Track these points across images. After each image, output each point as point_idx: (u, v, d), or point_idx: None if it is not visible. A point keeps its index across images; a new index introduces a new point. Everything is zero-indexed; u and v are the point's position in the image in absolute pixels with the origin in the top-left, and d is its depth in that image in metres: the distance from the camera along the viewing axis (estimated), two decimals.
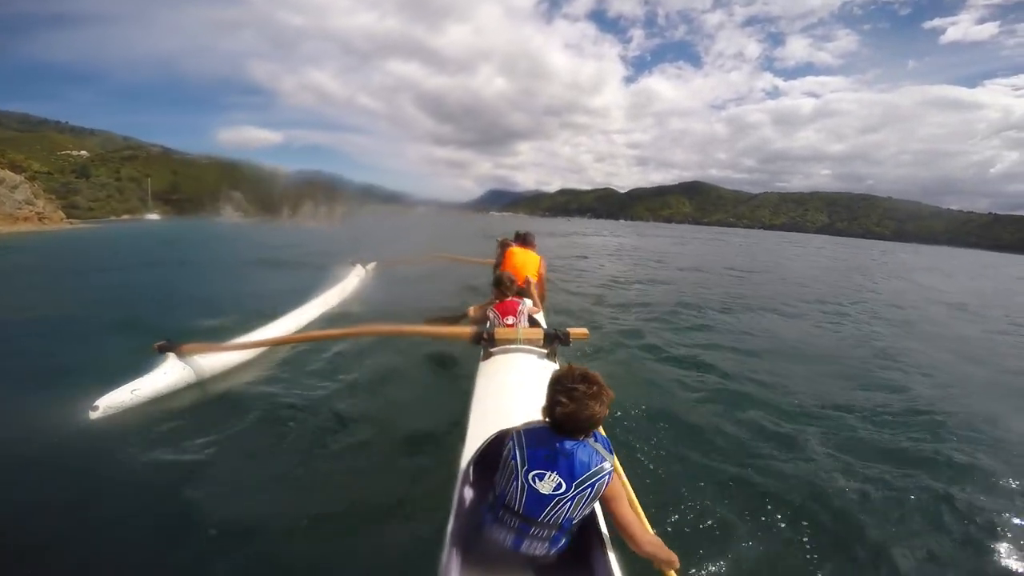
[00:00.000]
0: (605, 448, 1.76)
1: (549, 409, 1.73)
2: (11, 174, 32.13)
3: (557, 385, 1.73)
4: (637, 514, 1.94)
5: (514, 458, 1.72)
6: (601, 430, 1.88)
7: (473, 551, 1.86)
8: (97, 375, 4.06)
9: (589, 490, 1.68)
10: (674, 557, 1.77)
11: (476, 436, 2.31)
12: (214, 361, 4.49)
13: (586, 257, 19.63)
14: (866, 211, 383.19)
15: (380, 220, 46.79)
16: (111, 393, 3.68)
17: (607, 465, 1.71)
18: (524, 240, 6.30)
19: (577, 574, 1.85)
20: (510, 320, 4.03)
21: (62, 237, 26.27)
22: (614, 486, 1.74)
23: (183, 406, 3.94)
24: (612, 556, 1.78)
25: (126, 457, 3.18)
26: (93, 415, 3.52)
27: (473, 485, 2.22)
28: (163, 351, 4.22)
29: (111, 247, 21.52)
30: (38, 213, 32.29)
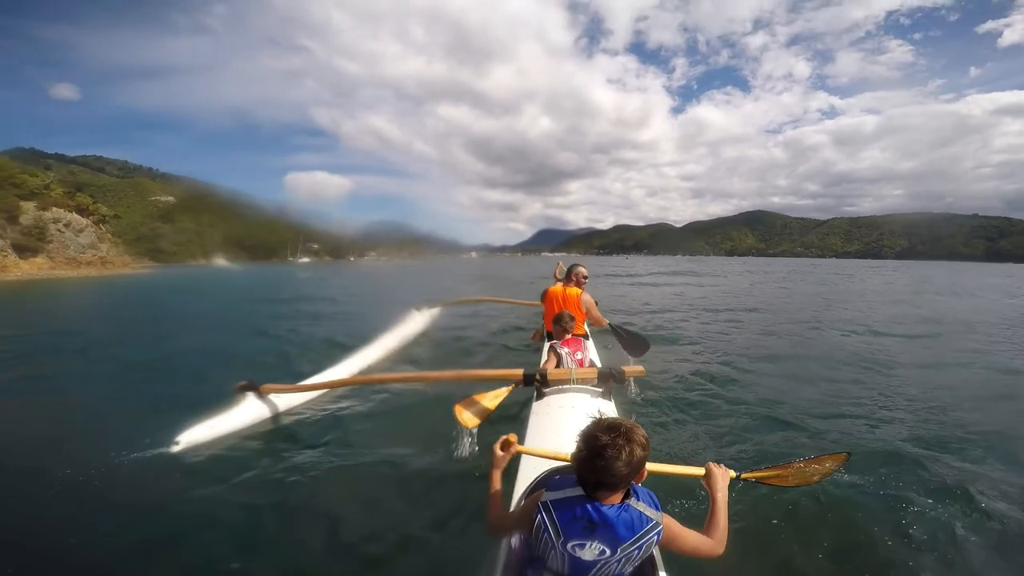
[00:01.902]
0: (650, 505, 1.60)
1: (573, 459, 1.60)
2: (78, 217, 32.71)
3: (580, 437, 1.58)
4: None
5: (546, 531, 1.57)
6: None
7: None
8: (180, 412, 4.23)
9: (637, 552, 1.55)
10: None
11: (527, 476, 2.31)
12: (287, 400, 4.71)
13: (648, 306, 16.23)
14: (950, 231, 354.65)
15: (438, 265, 52.85)
16: (193, 429, 3.91)
17: (655, 524, 1.56)
18: (567, 277, 6.12)
19: None
20: (579, 355, 4.05)
21: (120, 284, 26.48)
22: (669, 533, 1.60)
23: (258, 442, 4.11)
24: None
25: (204, 487, 3.32)
26: (175, 449, 3.74)
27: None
28: (243, 391, 4.43)
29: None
30: (101, 257, 32.70)
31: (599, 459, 1.48)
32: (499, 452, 1.97)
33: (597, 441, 1.50)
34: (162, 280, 30.71)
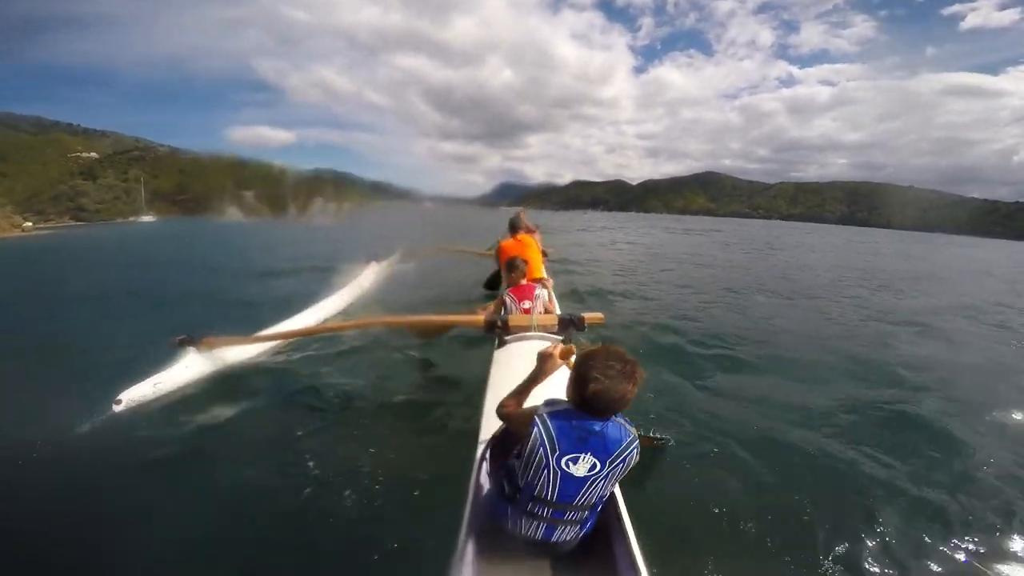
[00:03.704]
0: (626, 422, 1.70)
1: (579, 387, 1.63)
2: None
3: (590, 362, 1.62)
4: None
5: (542, 446, 1.62)
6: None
7: (490, 538, 1.83)
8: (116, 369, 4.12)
9: (621, 465, 1.64)
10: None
11: (491, 423, 2.33)
12: (235, 354, 4.57)
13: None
14: (887, 201, 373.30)
15: (390, 216, 50.43)
16: (134, 387, 3.72)
17: (634, 438, 1.66)
18: (513, 227, 5.94)
19: (596, 557, 1.82)
20: (527, 304, 3.93)
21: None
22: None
23: (205, 398, 3.96)
24: (632, 537, 1.73)
25: (148, 447, 3.22)
26: (116, 408, 3.56)
27: (490, 472, 2.20)
28: (183, 345, 4.23)
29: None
30: None
31: (611, 382, 1.56)
32: (558, 359, 2.02)
33: (611, 369, 1.58)
34: (55, 244, 26.89)
